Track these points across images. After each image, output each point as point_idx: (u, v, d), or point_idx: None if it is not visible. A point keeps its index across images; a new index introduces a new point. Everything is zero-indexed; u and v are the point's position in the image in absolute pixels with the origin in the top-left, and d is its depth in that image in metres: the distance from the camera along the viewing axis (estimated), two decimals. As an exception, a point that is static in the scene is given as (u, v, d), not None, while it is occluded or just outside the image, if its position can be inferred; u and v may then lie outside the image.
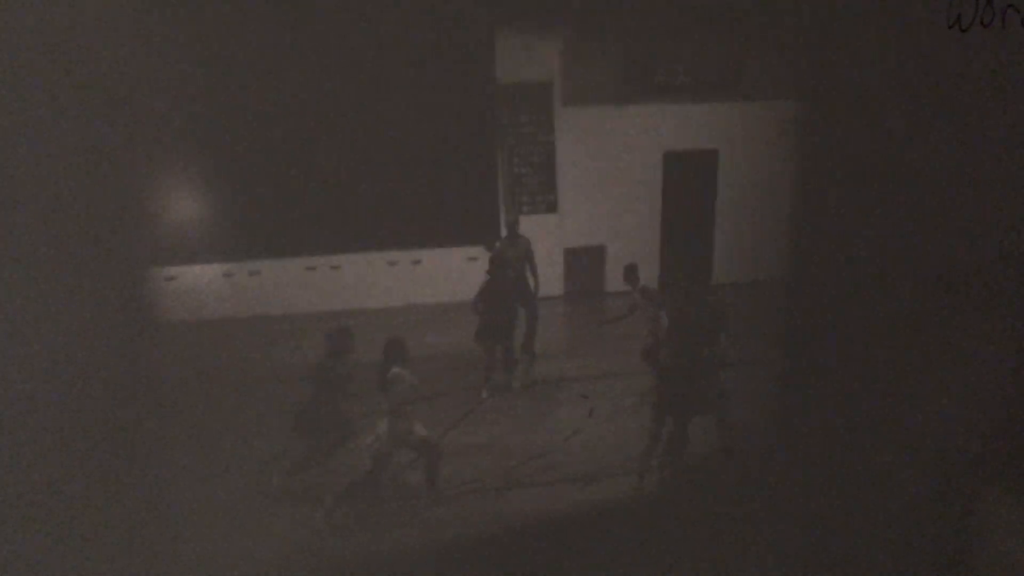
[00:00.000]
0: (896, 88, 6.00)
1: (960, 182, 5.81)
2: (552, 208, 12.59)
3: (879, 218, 6.08)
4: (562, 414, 9.52)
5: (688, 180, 12.84)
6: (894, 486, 6.13)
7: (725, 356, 7.62)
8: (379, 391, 7.40)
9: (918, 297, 5.96)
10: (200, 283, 12.53)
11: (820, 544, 6.36)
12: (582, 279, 12.80)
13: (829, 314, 6.36)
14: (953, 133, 5.82)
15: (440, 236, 12.96)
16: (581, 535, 7.17)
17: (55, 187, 4.08)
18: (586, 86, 12.45)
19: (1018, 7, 5.48)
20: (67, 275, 4.19)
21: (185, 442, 7.65)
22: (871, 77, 6.09)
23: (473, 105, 12.60)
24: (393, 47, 12.21)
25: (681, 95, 12.41)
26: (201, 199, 11.95)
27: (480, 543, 7.16)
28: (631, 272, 9.45)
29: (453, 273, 13.00)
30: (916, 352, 6.01)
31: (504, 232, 10.29)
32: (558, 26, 12.10)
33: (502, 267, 9.69)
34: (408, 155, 12.64)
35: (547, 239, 12.45)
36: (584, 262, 12.85)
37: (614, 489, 7.70)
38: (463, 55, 12.43)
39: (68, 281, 4.20)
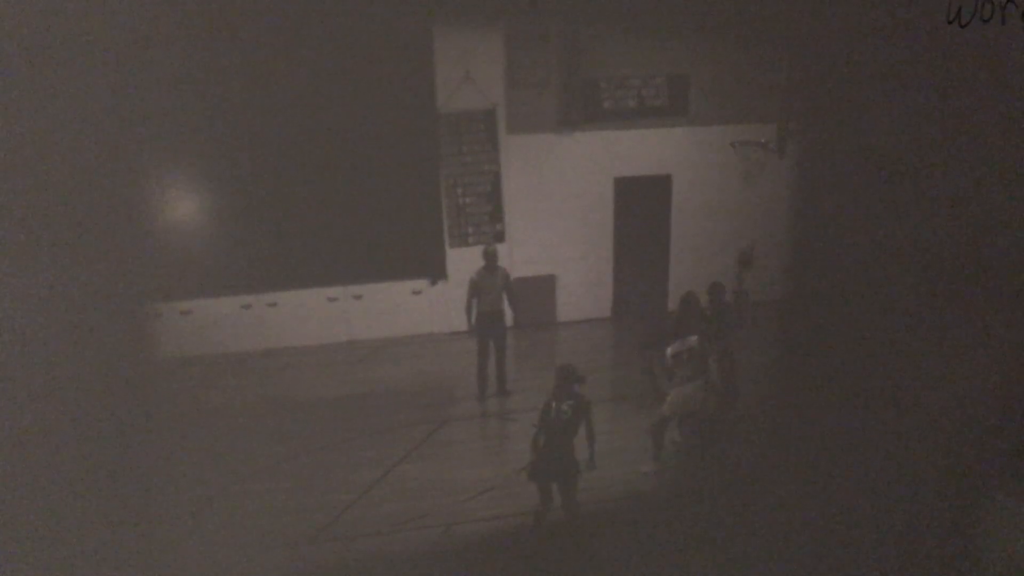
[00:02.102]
0: (894, 84, 5.98)
1: (960, 180, 5.76)
2: (500, 238, 12.22)
3: (877, 217, 6.06)
4: (512, 447, 9.25)
5: (641, 205, 12.69)
6: (897, 487, 6.07)
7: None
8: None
9: (920, 296, 5.91)
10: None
11: (823, 545, 6.33)
12: (532, 309, 12.48)
13: (830, 313, 6.36)
14: (952, 130, 5.78)
15: (382, 270, 12.52)
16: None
17: (59, 214, 4.20)
18: (531, 113, 12.19)
19: (1017, 2, 5.40)
20: (70, 298, 4.28)
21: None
22: (869, 73, 6.09)
23: (414, 135, 12.30)
24: (330, 78, 11.85)
25: (629, 120, 12.36)
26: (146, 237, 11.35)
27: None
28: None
29: (397, 307, 12.62)
30: (917, 352, 5.95)
31: (483, 262, 9.95)
32: (499, 50, 12.00)
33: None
34: (348, 188, 12.26)
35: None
36: (534, 292, 12.57)
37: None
38: (403, 85, 12.18)
39: (72, 305, 4.28)
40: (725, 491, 7.67)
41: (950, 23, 5.64)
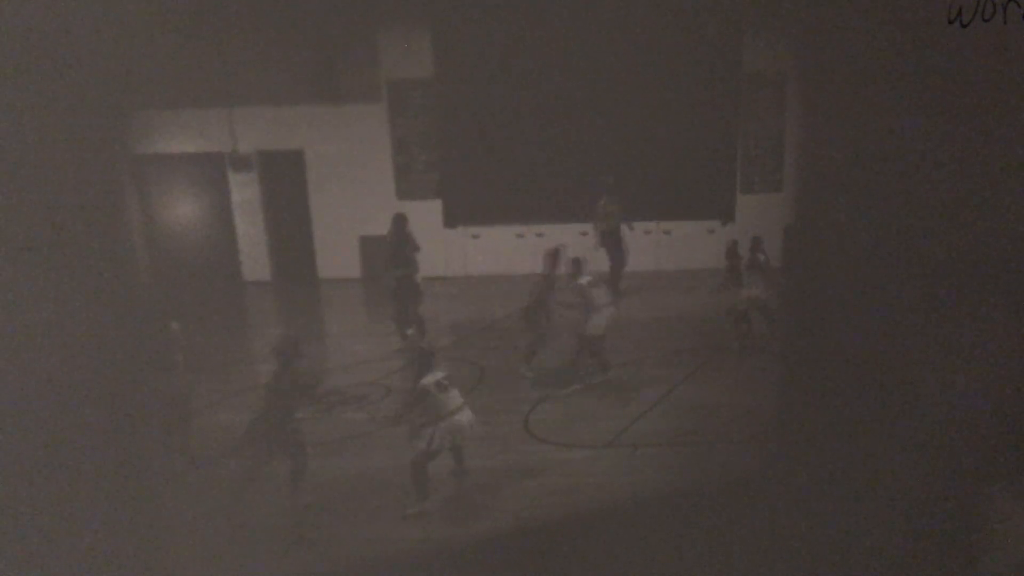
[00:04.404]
0: (894, 85, 6.07)
1: (960, 181, 5.82)
2: (779, 187, 13.36)
3: (878, 216, 6.16)
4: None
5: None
6: (896, 486, 6.12)
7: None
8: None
9: (920, 295, 5.97)
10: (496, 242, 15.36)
11: (823, 545, 6.40)
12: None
13: (829, 313, 6.45)
14: (953, 131, 5.83)
15: (684, 210, 14.34)
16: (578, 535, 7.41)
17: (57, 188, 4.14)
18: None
19: (1020, 1, 5.44)
20: (69, 277, 4.23)
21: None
22: (868, 74, 6.19)
23: (720, 94, 13.79)
24: (653, 48, 13.73)
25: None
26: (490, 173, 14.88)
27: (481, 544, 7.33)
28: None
29: (696, 242, 14.39)
30: (918, 352, 6.05)
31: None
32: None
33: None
34: (662, 139, 14.13)
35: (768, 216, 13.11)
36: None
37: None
38: (713, 50, 13.63)
39: (70, 283, 4.22)
40: (725, 491, 7.66)
41: (951, 23, 5.70)
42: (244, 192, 15.45)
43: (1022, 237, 5.73)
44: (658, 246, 14.58)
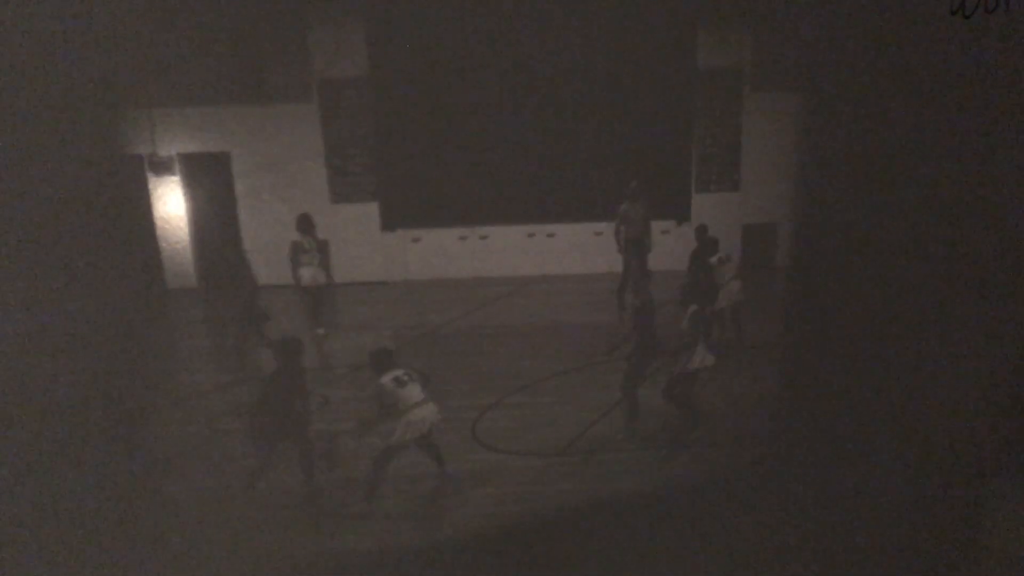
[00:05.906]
0: (896, 77, 5.92)
1: (963, 174, 5.68)
2: (735, 187, 13.14)
3: (881, 210, 6.02)
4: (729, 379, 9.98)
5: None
6: (898, 484, 6.03)
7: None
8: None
9: (922, 292, 5.89)
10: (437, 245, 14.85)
11: (824, 543, 6.34)
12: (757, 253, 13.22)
13: (831, 311, 6.35)
14: (954, 123, 5.71)
15: None
16: (579, 535, 7.37)
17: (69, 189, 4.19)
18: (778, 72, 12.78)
19: None
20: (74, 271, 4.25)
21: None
22: (870, 66, 6.05)
23: (675, 91, 13.50)
24: (604, 44, 13.43)
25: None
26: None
27: (480, 541, 7.28)
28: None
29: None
30: (920, 349, 5.93)
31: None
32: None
33: None
34: (614, 138, 13.83)
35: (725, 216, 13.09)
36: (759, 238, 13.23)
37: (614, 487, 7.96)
38: (668, 46, 13.35)
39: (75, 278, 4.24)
40: (725, 489, 7.62)
41: (953, 14, 5.61)
42: (165, 196, 14.56)
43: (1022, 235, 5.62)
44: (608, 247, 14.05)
